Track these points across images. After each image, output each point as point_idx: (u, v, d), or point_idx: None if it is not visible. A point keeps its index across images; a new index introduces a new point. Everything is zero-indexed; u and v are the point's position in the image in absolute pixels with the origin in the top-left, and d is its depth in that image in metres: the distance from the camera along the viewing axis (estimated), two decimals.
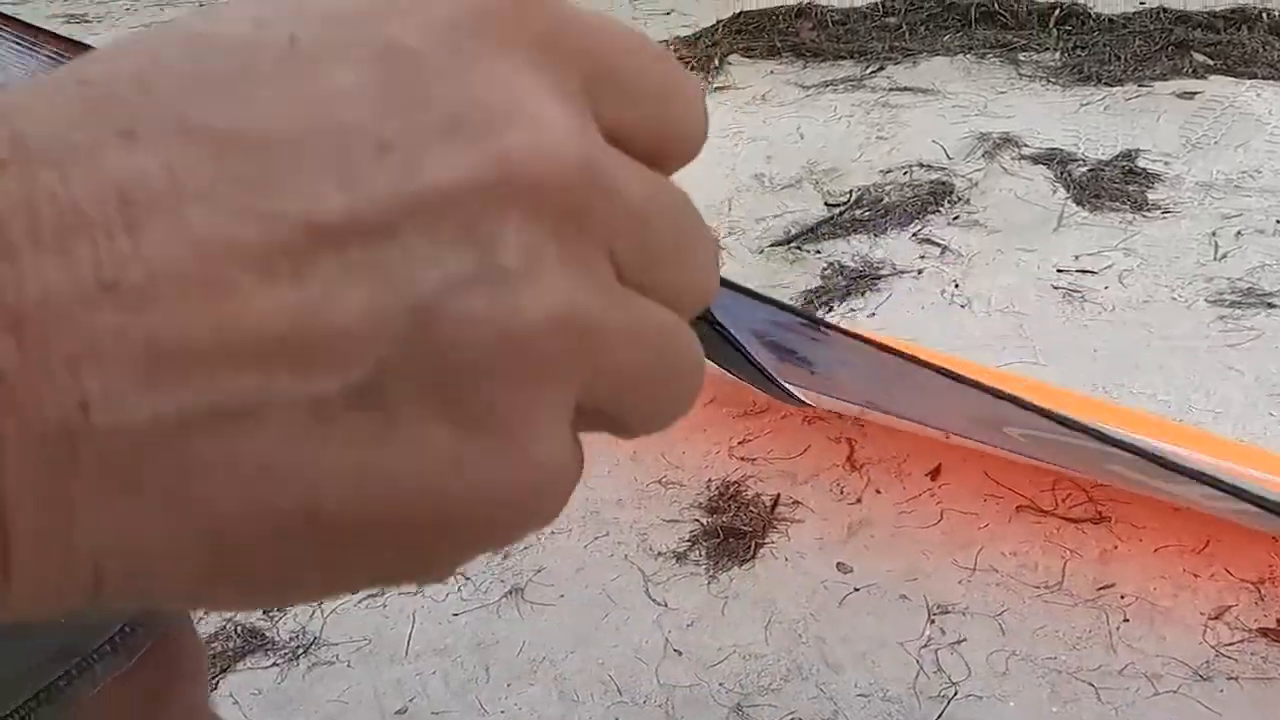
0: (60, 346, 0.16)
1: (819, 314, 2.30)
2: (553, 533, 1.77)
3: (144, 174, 0.17)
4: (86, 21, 4.68)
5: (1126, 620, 1.56)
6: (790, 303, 2.34)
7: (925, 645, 1.56)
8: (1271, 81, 3.13)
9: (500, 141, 0.18)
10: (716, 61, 3.57)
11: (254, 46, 0.18)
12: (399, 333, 0.17)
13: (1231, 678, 1.45)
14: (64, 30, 4.48)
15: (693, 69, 3.53)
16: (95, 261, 0.16)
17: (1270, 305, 2.19)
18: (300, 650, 1.64)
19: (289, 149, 0.17)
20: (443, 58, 0.19)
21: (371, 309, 0.17)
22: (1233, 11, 3.51)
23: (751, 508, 1.80)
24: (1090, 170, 2.73)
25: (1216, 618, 1.55)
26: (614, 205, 0.20)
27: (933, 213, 2.62)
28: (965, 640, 1.56)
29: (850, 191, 2.74)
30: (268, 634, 1.68)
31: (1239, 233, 2.45)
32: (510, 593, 1.70)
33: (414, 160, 0.18)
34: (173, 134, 0.17)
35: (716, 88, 3.41)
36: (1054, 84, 3.26)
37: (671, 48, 3.74)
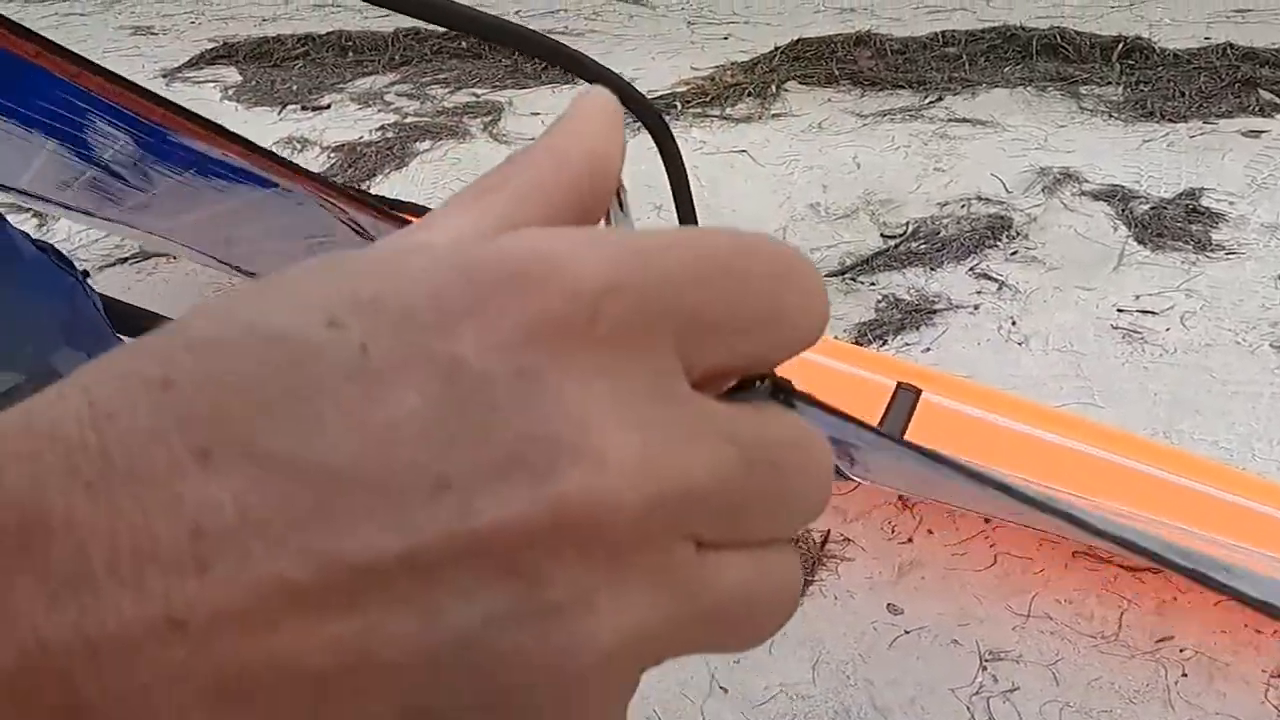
0: (134, 677, 0.17)
1: (872, 348, 2.28)
2: None
3: (216, 505, 0.17)
4: (153, 34, 4.76)
5: (1185, 675, 1.53)
6: (846, 341, 2.32)
7: (977, 693, 1.53)
8: None
9: (558, 485, 0.18)
10: (773, 88, 3.56)
11: (325, 356, 0.18)
12: (448, 664, 0.18)
13: None
14: (131, 41, 4.56)
15: (749, 95, 3.53)
16: (166, 599, 0.17)
17: None
18: None
19: (349, 484, 0.18)
20: (508, 382, 0.18)
21: (420, 644, 0.18)
22: None
23: (800, 543, 1.78)
24: (1152, 208, 2.69)
25: (1279, 676, 1.51)
26: (688, 518, 0.20)
27: (990, 247, 2.60)
28: (1018, 689, 1.53)
29: (907, 223, 2.72)
30: None
31: None
32: None
33: (469, 501, 0.18)
34: (242, 460, 0.18)
35: (773, 115, 3.40)
36: (1116, 119, 3.22)
37: (728, 73, 3.74)
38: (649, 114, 1.52)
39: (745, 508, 0.21)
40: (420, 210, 2.18)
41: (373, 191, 3.03)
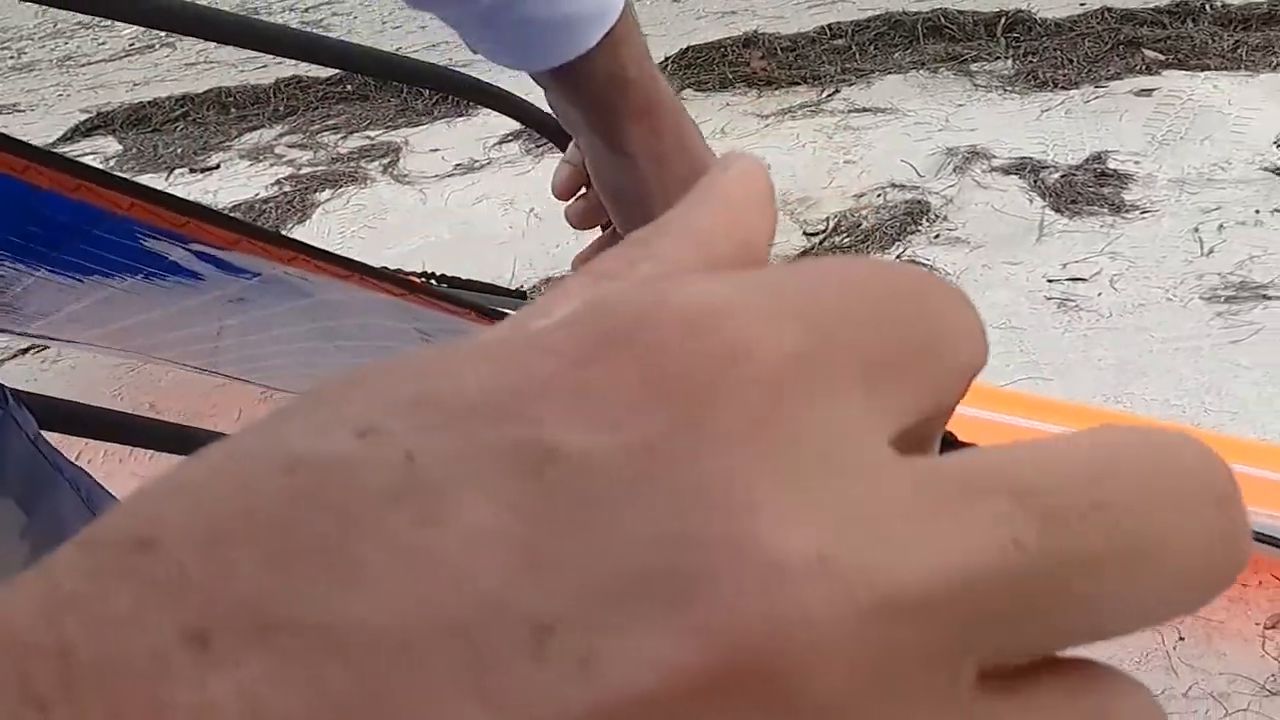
0: None
1: None
2: None
3: (214, 709, 0.12)
4: (19, 111, 4.57)
5: (1182, 639, 1.52)
6: None
7: None
8: (1225, 72, 3.15)
9: (721, 610, 0.12)
10: None
11: (360, 477, 0.13)
12: None
13: None
14: None
15: None
16: None
17: (1266, 297, 2.18)
18: None
19: (407, 651, 0.12)
20: (630, 462, 0.13)
21: None
22: (1177, 5, 3.54)
23: None
24: (1063, 176, 2.72)
25: (1272, 627, 1.51)
26: (960, 630, 0.13)
27: (913, 233, 2.60)
28: None
29: (827, 219, 2.71)
30: None
31: (1221, 226, 2.45)
32: None
33: (590, 651, 0.12)
34: (252, 639, 0.12)
35: None
36: (1011, 92, 3.26)
37: None
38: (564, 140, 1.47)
39: (1050, 599, 0.14)
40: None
41: None
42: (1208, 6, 3.50)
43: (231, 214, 3.15)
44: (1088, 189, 2.65)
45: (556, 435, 0.13)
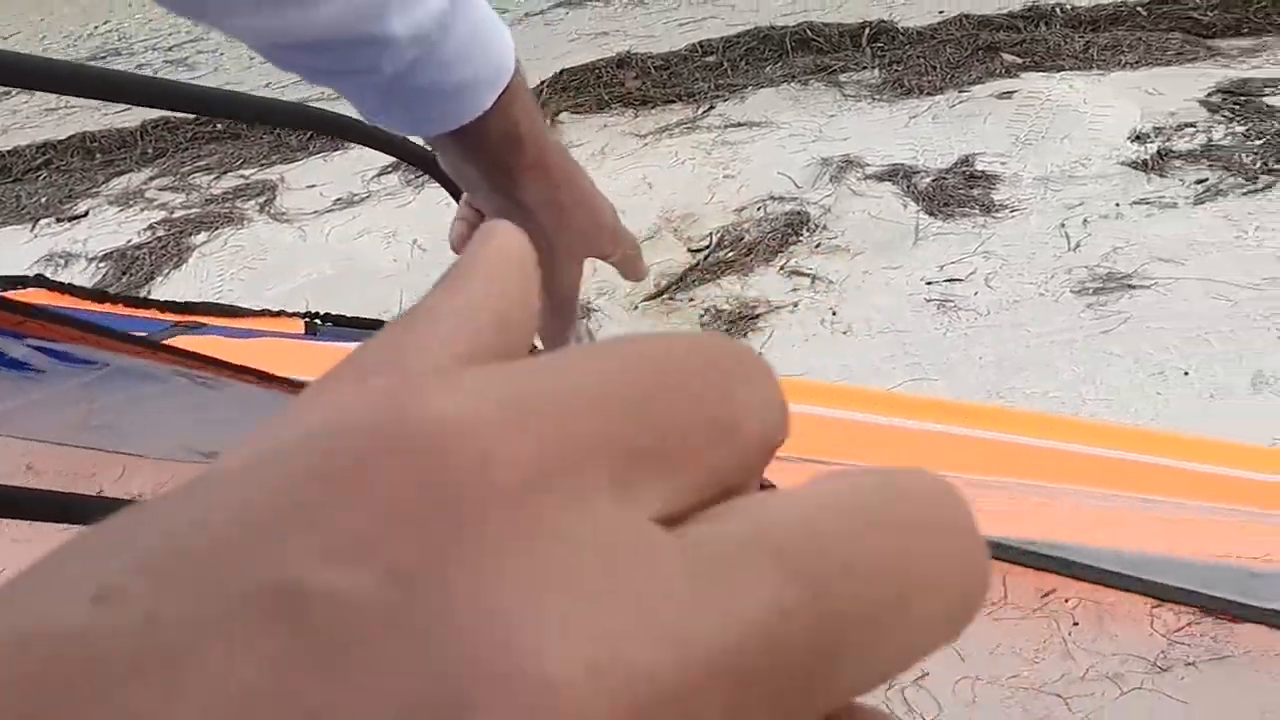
0: None
1: None
2: None
3: None
4: None
5: (1076, 624, 1.57)
6: None
7: (889, 688, 1.54)
8: (1079, 72, 3.28)
9: None
10: (548, 122, 3.54)
11: (99, 649, 0.12)
12: None
13: (1189, 663, 1.47)
14: None
15: None
16: None
17: (1131, 286, 2.27)
18: None
19: None
20: (381, 595, 0.12)
21: None
22: (1029, 10, 3.69)
23: None
24: (934, 180, 2.80)
25: (1160, 604, 1.57)
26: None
27: (794, 243, 2.65)
28: (927, 674, 1.54)
29: (710, 234, 2.75)
30: None
31: (1085, 220, 2.55)
32: None
33: None
34: None
35: None
36: (879, 101, 3.34)
37: None
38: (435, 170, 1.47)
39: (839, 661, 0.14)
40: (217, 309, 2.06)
41: (154, 296, 2.86)
42: (1058, 9, 3.64)
43: (103, 261, 3.06)
44: (958, 191, 2.74)
45: (303, 574, 0.12)
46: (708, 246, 2.70)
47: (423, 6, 0.48)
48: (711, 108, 3.48)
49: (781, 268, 2.56)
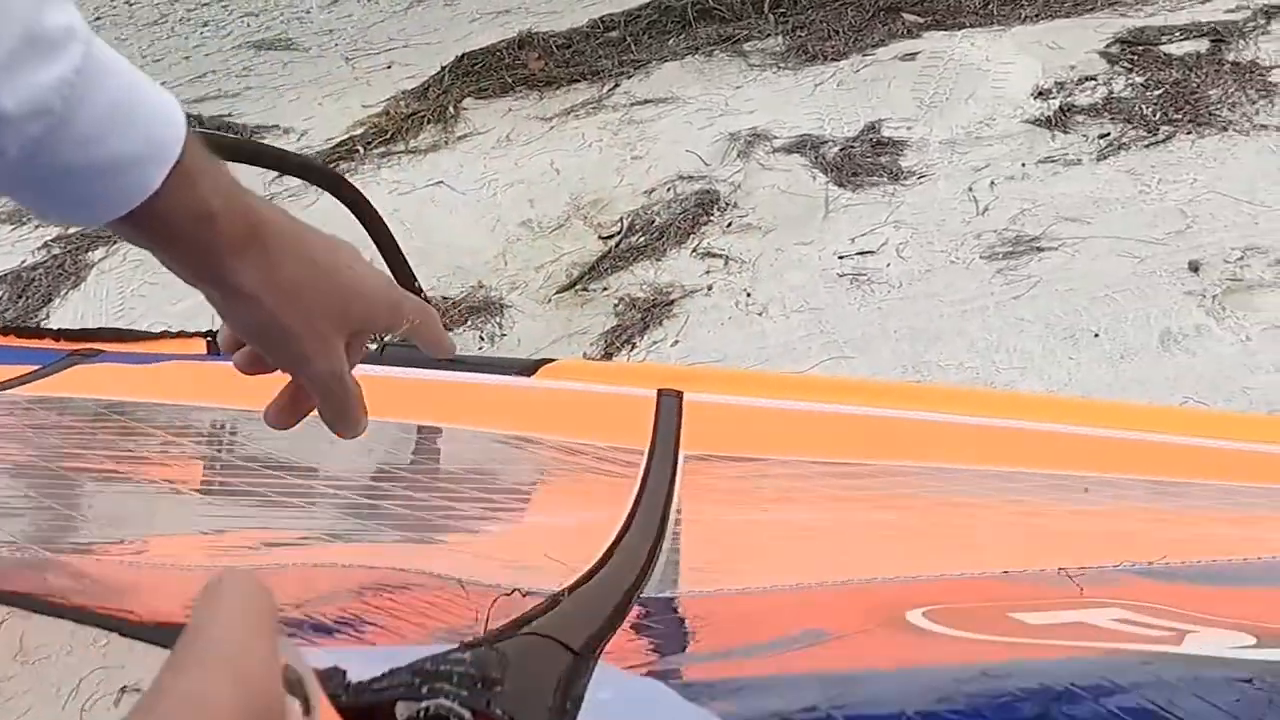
0: None
1: (624, 353, 2.26)
2: None
3: None
4: None
5: None
6: (592, 346, 2.29)
7: None
8: (981, 29, 3.28)
9: None
10: (451, 109, 3.47)
11: None
12: None
13: None
14: None
15: (429, 122, 3.43)
16: None
17: (1038, 249, 2.28)
18: None
19: None
20: None
21: None
22: None
23: None
24: (842, 150, 2.79)
25: None
26: None
27: (706, 224, 2.62)
28: None
29: (620, 219, 2.71)
30: None
31: (992, 183, 2.55)
32: None
33: None
34: None
35: (459, 137, 3.32)
36: (785, 69, 3.32)
37: (401, 104, 3.63)
38: (332, 184, 1.43)
39: None
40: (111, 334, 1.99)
41: (51, 322, 2.77)
42: None
43: None
44: (866, 160, 2.73)
45: None
46: (619, 233, 2.66)
47: (34, 77, 0.42)
48: (616, 85, 3.43)
49: (694, 250, 2.54)
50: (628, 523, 0.92)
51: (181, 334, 1.88)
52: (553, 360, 1.88)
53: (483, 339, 2.40)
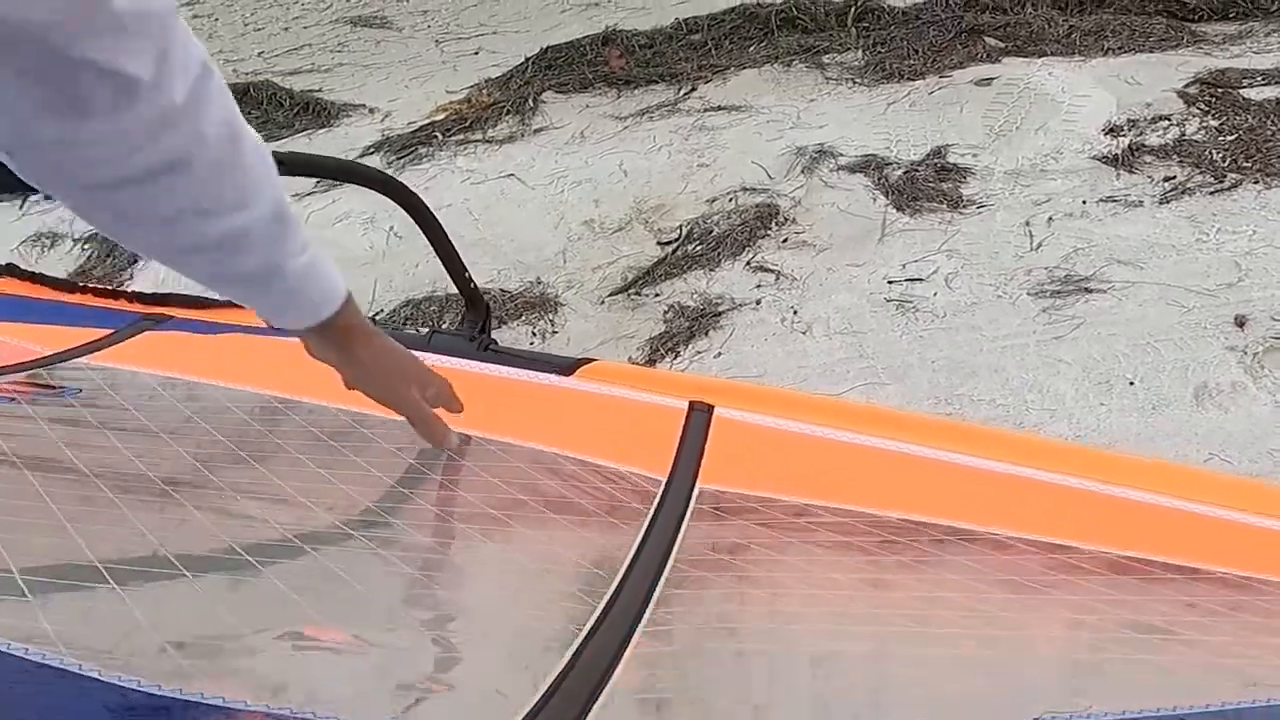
0: None
1: (666, 361, 2.32)
2: None
3: None
4: None
5: None
6: (637, 351, 2.35)
7: None
8: (1060, 58, 3.27)
9: None
10: (531, 102, 3.56)
11: None
12: None
13: None
14: None
15: (508, 113, 3.51)
16: None
17: (1087, 290, 2.30)
18: None
19: None
20: None
21: None
22: None
23: None
24: (905, 173, 2.81)
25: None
26: None
27: (762, 238, 2.67)
28: None
29: (680, 226, 2.77)
30: None
31: (1050, 219, 2.56)
32: None
33: None
34: None
35: (535, 130, 3.40)
36: (860, 85, 3.34)
37: (483, 92, 3.72)
38: (393, 191, 1.52)
39: None
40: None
41: (134, 283, 2.91)
42: None
43: (88, 243, 3.11)
44: (928, 185, 2.75)
45: None
46: (677, 239, 2.72)
47: (281, 245, 0.77)
48: (693, 89, 3.49)
49: (748, 263, 2.59)
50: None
51: None
52: (593, 360, 1.95)
53: (534, 335, 2.48)
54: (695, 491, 1.64)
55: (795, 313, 2.40)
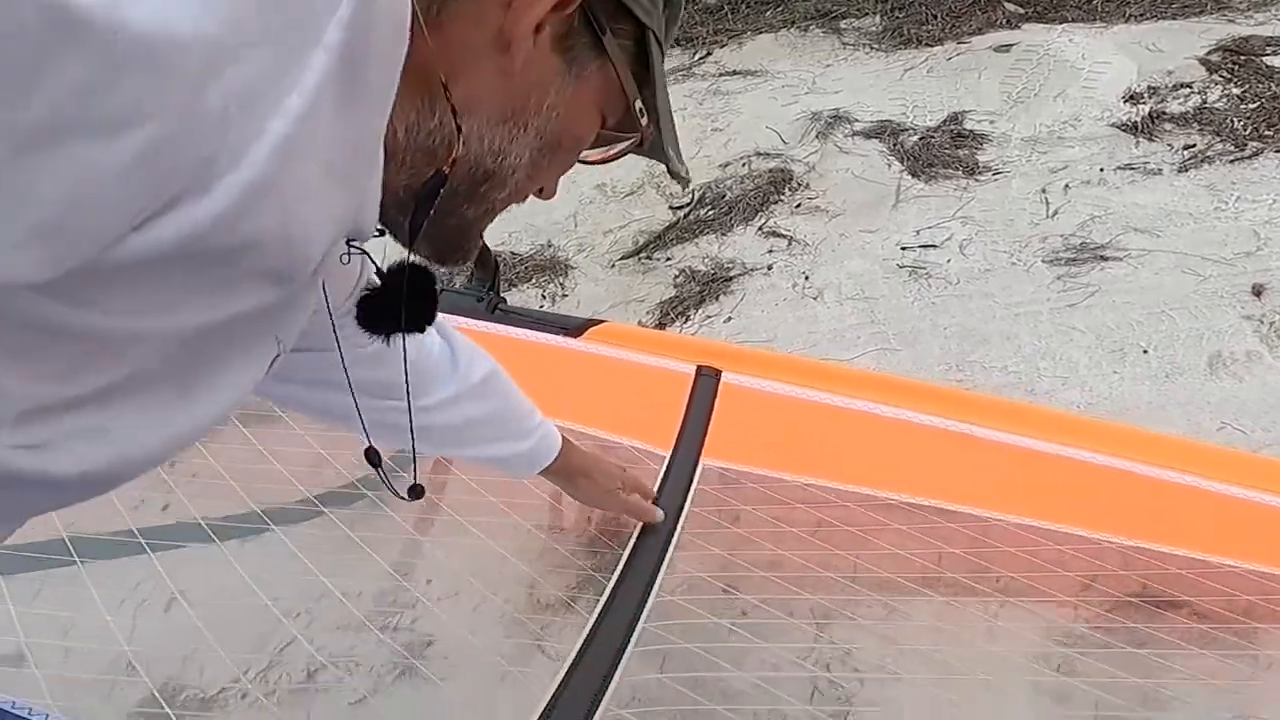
0: None
1: (676, 325, 2.31)
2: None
3: None
4: None
5: (1003, 606, 1.61)
6: (647, 316, 2.34)
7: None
8: (1081, 24, 3.23)
9: None
10: None
11: None
12: None
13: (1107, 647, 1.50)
14: None
15: None
16: None
17: (1102, 258, 2.27)
18: None
19: None
20: None
21: None
22: None
23: None
24: (921, 139, 2.78)
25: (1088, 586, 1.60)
26: None
27: (775, 203, 2.65)
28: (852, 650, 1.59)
29: (693, 191, 2.75)
30: None
31: (1067, 186, 2.53)
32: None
33: None
34: None
35: None
36: (877, 50, 3.31)
37: None
38: None
39: None
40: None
41: None
42: None
43: None
44: (944, 151, 2.72)
45: None
46: (689, 204, 2.70)
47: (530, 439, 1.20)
48: (709, 54, 3.45)
49: (760, 228, 2.57)
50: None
51: None
52: (603, 321, 1.93)
53: (544, 298, 2.47)
54: (699, 468, 1.63)
55: (807, 278, 2.38)
